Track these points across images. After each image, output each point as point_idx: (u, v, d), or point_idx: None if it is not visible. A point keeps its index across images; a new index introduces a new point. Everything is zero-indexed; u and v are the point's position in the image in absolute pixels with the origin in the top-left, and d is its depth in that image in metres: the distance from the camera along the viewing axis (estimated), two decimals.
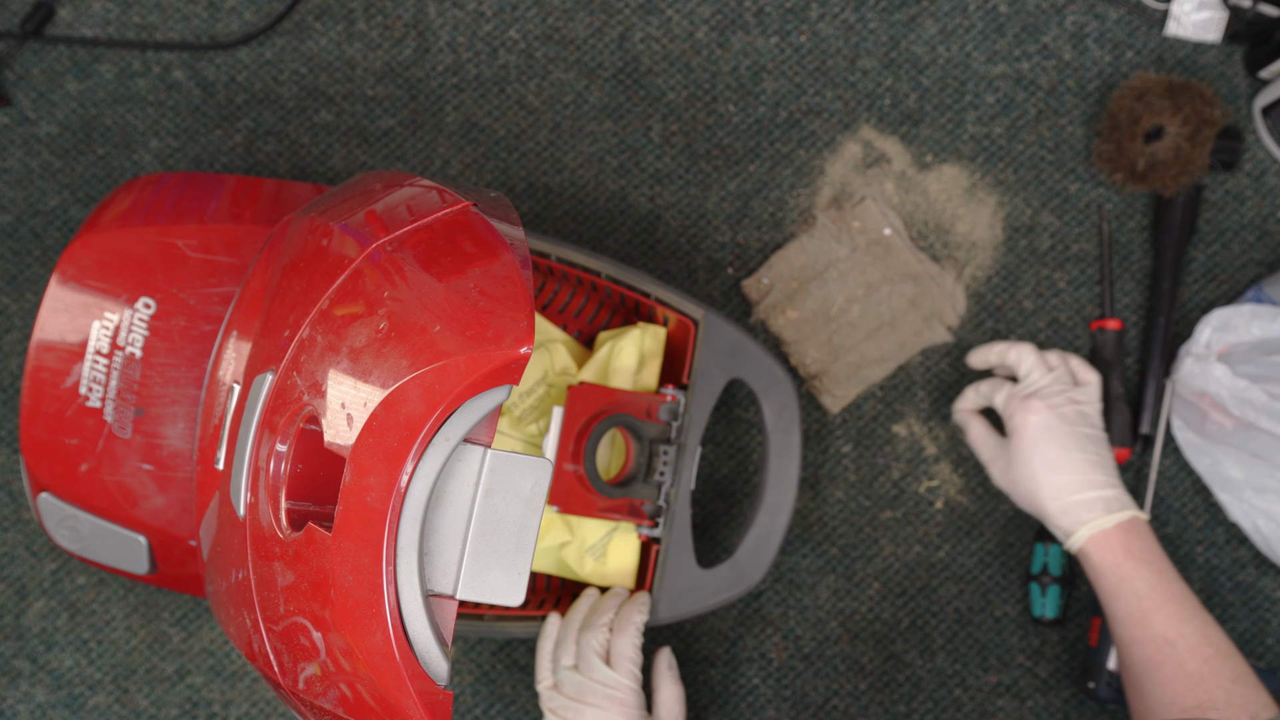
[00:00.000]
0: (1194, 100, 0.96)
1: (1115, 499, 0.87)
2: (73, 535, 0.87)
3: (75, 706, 1.00)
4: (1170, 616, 0.83)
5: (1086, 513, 0.87)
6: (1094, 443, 0.89)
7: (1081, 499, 0.87)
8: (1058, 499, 0.87)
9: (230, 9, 1.02)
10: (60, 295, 0.84)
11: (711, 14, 1.02)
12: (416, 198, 0.70)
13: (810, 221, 1.01)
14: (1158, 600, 0.84)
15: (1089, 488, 0.87)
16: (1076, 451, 0.88)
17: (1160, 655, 0.83)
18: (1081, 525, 0.86)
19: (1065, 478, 0.87)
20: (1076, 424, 0.89)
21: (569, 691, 0.85)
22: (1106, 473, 0.88)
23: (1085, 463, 0.87)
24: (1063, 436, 0.88)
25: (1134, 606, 0.84)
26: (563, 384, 0.92)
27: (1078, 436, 0.88)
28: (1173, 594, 0.84)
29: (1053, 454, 0.88)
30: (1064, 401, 0.89)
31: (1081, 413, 0.89)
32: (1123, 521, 0.86)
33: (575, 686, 0.85)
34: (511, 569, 0.63)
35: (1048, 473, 0.88)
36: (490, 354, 0.60)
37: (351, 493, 0.60)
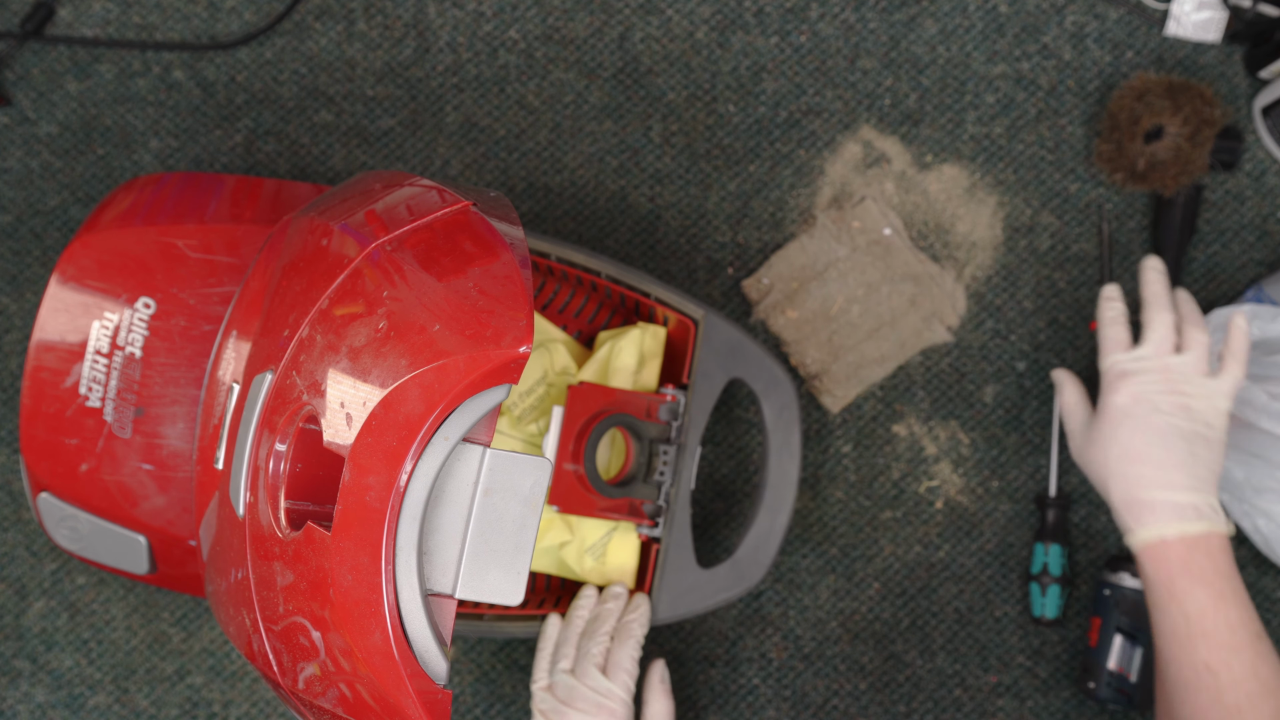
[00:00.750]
0: (1194, 100, 0.96)
1: (1190, 507, 0.80)
2: (73, 535, 0.87)
3: (75, 706, 1.00)
4: (1218, 645, 0.78)
5: (1150, 514, 0.80)
6: (1187, 440, 0.81)
7: (1150, 498, 0.80)
8: (1125, 491, 0.81)
9: (230, 9, 1.02)
10: (60, 295, 0.84)
11: (711, 14, 1.02)
12: (416, 197, 0.70)
13: (810, 221, 1.01)
14: (1207, 626, 0.78)
15: (1162, 488, 0.80)
16: (1159, 446, 0.80)
17: (1199, 681, 0.78)
18: (1142, 527, 0.80)
19: (1139, 470, 0.80)
20: (1173, 415, 0.81)
21: (560, 694, 0.85)
22: (1189, 475, 0.80)
23: (1167, 459, 0.80)
24: (1149, 425, 0.80)
25: (1179, 627, 0.79)
26: (562, 384, 0.92)
27: (1168, 429, 0.80)
28: (1226, 622, 0.78)
29: (1133, 442, 0.81)
30: (1165, 389, 0.81)
31: (1184, 405, 0.81)
32: (1189, 535, 0.79)
33: (567, 690, 0.84)
34: (511, 568, 0.63)
35: (1122, 461, 0.81)
36: (489, 353, 0.60)
37: (350, 492, 0.60)
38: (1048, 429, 1.01)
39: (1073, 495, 1.00)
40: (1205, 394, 0.82)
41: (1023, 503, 1.01)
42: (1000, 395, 1.01)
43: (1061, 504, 0.99)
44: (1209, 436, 0.82)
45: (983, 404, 1.01)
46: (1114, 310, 0.88)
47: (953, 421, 1.01)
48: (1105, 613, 0.96)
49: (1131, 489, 0.81)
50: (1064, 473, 1.00)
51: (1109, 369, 0.84)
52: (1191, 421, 0.82)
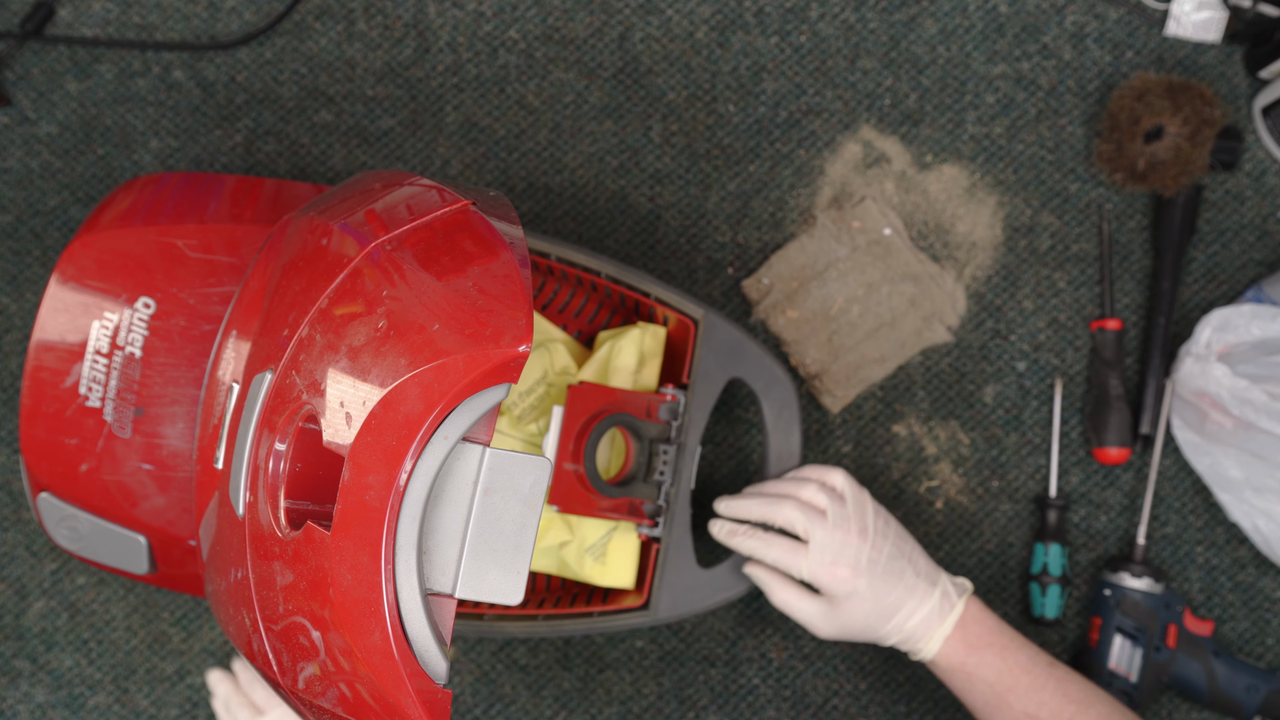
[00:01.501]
0: (1194, 100, 0.96)
1: (944, 598, 0.85)
2: (73, 535, 0.86)
3: (75, 706, 1.00)
4: (1024, 691, 0.83)
5: (925, 629, 0.85)
6: (897, 556, 0.86)
7: (917, 621, 0.85)
8: (898, 633, 0.85)
9: (230, 9, 1.02)
10: (60, 295, 0.84)
11: (711, 14, 1.02)
12: (416, 197, 0.70)
13: (810, 221, 1.01)
14: (1009, 682, 0.84)
15: (919, 607, 0.85)
16: (897, 585, 0.85)
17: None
18: (927, 641, 0.85)
19: (899, 614, 0.85)
20: (880, 555, 0.85)
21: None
22: (923, 575, 0.86)
23: (906, 589, 0.85)
24: (879, 584, 0.85)
25: (989, 695, 0.84)
26: (562, 383, 0.92)
27: (888, 569, 0.85)
28: (1021, 667, 0.84)
29: (880, 605, 0.85)
30: (859, 542, 0.85)
31: (874, 538, 0.86)
32: (959, 617, 0.85)
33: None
34: (510, 568, 0.63)
35: (882, 621, 0.85)
36: (489, 352, 0.60)
37: (350, 491, 0.60)
38: (1048, 429, 1.01)
39: (1072, 495, 1.00)
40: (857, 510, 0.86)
41: (1023, 503, 1.01)
42: (1000, 395, 1.01)
43: (1061, 504, 0.99)
44: (891, 532, 0.86)
45: (983, 404, 1.01)
46: (747, 538, 0.88)
47: (953, 421, 1.01)
48: (1105, 613, 0.96)
49: (901, 628, 0.85)
50: (1064, 473, 1.00)
51: (816, 569, 0.85)
52: (883, 536, 0.86)
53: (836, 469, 0.88)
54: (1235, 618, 1.00)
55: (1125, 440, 0.98)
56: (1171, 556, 1.00)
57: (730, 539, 0.88)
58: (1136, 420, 1.00)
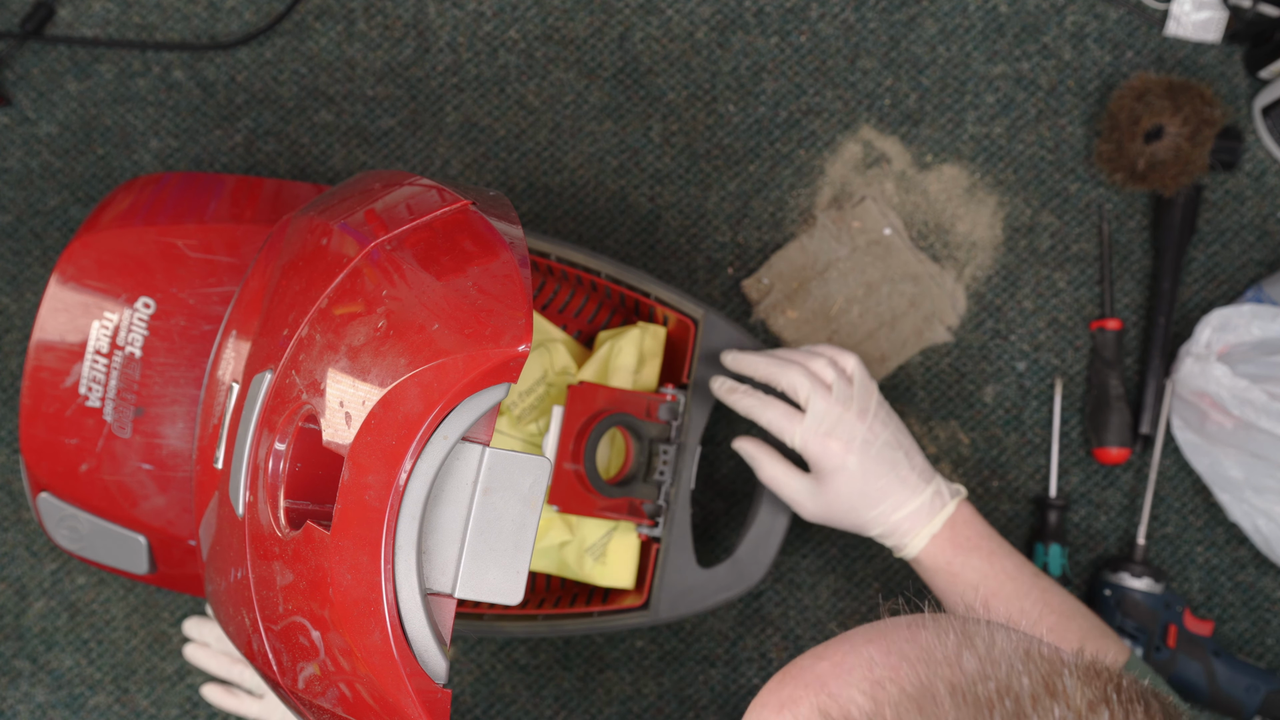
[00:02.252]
0: (1194, 100, 0.96)
1: (935, 495, 0.84)
2: (73, 535, 0.86)
3: (75, 706, 1.00)
4: (1008, 597, 0.82)
5: (915, 523, 0.84)
6: (893, 445, 0.84)
7: (906, 513, 0.84)
8: (883, 523, 0.84)
9: (230, 9, 1.02)
10: (60, 295, 0.84)
11: (711, 14, 1.02)
12: (416, 196, 0.70)
13: (810, 221, 1.01)
14: (993, 585, 0.83)
15: (911, 496, 0.84)
16: (888, 472, 0.83)
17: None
18: (912, 537, 0.84)
19: (887, 502, 0.84)
20: (875, 438, 0.84)
21: None
22: (917, 470, 0.84)
23: (897, 478, 0.83)
24: (870, 465, 0.83)
25: (971, 599, 0.83)
26: (562, 383, 0.92)
27: (880, 455, 0.83)
28: (1006, 573, 0.83)
29: (868, 487, 0.83)
30: (856, 422, 0.83)
31: (871, 422, 0.84)
32: (948, 517, 0.84)
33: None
34: (510, 567, 0.63)
35: (867, 506, 0.84)
36: (488, 352, 0.60)
37: (350, 491, 0.60)
38: (1048, 429, 1.01)
39: (1072, 495, 1.00)
40: (863, 394, 0.85)
41: (1023, 503, 1.01)
42: (1000, 395, 1.01)
43: (1061, 504, 0.99)
44: (888, 425, 0.85)
45: (983, 404, 1.01)
46: (746, 396, 0.86)
47: (953, 421, 1.01)
48: (1105, 613, 0.96)
49: (888, 518, 0.84)
50: (1064, 473, 1.00)
51: (808, 438, 0.83)
52: (882, 425, 0.84)
53: (851, 353, 0.86)
54: (1235, 618, 1.00)
55: (1125, 440, 0.98)
56: (1171, 556, 1.00)
57: (729, 395, 0.87)
58: (1136, 420, 1.00)
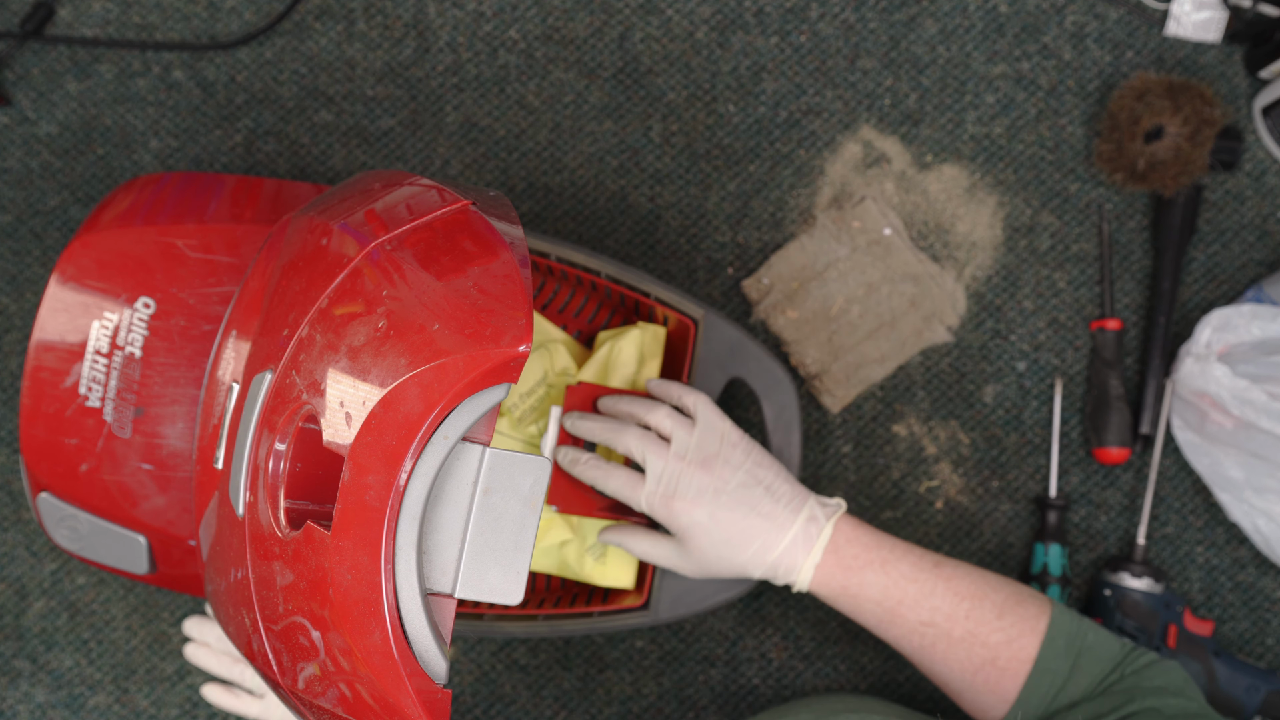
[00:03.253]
0: (1194, 100, 0.96)
1: (810, 523, 0.80)
2: (73, 535, 0.86)
3: (75, 706, 1.00)
4: (914, 601, 0.80)
5: (794, 558, 0.80)
6: (749, 485, 0.80)
7: (779, 552, 0.80)
8: (760, 565, 0.80)
9: (230, 9, 1.02)
10: (60, 295, 0.84)
11: (711, 14, 1.02)
12: (416, 196, 0.70)
13: (810, 221, 1.01)
14: (897, 595, 0.80)
15: (780, 533, 0.80)
16: (748, 514, 0.79)
17: (927, 639, 0.80)
18: (799, 573, 0.80)
19: (755, 544, 0.80)
20: (725, 484, 0.80)
21: None
22: (783, 502, 0.80)
23: (760, 517, 0.80)
24: (724, 514, 0.79)
25: (879, 613, 0.81)
26: (562, 384, 0.92)
27: (736, 498, 0.80)
28: (906, 578, 0.80)
29: (729, 534, 0.79)
30: (700, 473, 0.80)
31: (719, 468, 0.80)
32: (828, 542, 0.80)
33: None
34: (510, 567, 0.63)
35: (735, 553, 0.80)
36: (489, 352, 0.60)
37: (350, 491, 0.60)
38: (1048, 429, 1.01)
39: (1072, 495, 1.00)
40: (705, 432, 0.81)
41: (1023, 503, 1.01)
42: (1000, 395, 1.01)
43: (1061, 504, 0.99)
44: (750, 458, 0.81)
45: (983, 404, 1.01)
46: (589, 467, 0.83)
47: (953, 421, 1.01)
48: (1105, 613, 0.96)
49: (763, 558, 0.80)
50: (1064, 473, 1.00)
51: (653, 502, 0.80)
52: (735, 474, 0.81)
53: (697, 393, 0.83)
54: (1235, 618, 1.00)
55: (1125, 440, 0.98)
56: (1171, 556, 1.00)
57: (573, 467, 0.83)
58: (1136, 420, 1.00)
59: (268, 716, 0.94)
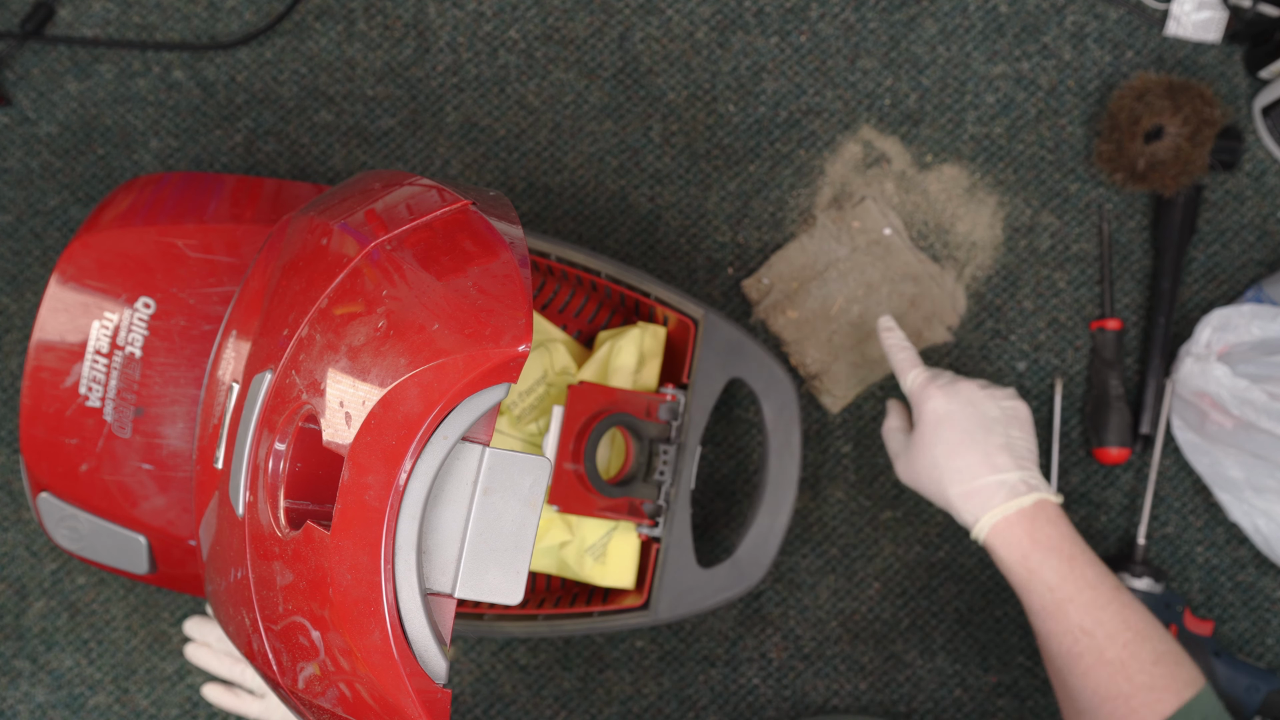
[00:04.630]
0: (1194, 100, 0.96)
1: (1020, 482, 0.82)
2: (73, 535, 0.87)
3: (75, 706, 1.00)
4: (1085, 605, 0.80)
5: (989, 498, 0.82)
6: (1002, 424, 0.84)
7: (984, 484, 0.82)
8: (960, 484, 0.83)
9: (230, 9, 1.02)
10: (60, 295, 0.84)
11: (711, 14, 1.02)
12: (416, 196, 0.70)
13: (810, 221, 1.01)
14: (1070, 590, 0.80)
15: (991, 471, 0.82)
16: (980, 435, 0.83)
17: (1079, 646, 0.80)
18: (985, 512, 0.82)
19: (967, 461, 0.83)
20: (981, 405, 0.84)
21: None
22: (1014, 455, 0.83)
23: (990, 445, 0.83)
24: (965, 420, 0.84)
25: (1047, 600, 0.81)
26: (562, 383, 0.92)
27: (982, 419, 0.84)
28: (1086, 580, 0.80)
29: (955, 439, 0.83)
30: (973, 385, 0.85)
31: (989, 394, 0.86)
32: (1026, 507, 0.82)
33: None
34: (510, 567, 0.63)
35: (950, 459, 0.83)
36: (488, 352, 0.60)
37: (350, 491, 0.60)
38: (1048, 429, 1.01)
39: (1072, 495, 1.00)
40: (990, 385, 0.87)
41: None
42: None
43: (1061, 504, 0.99)
44: (1011, 417, 0.85)
45: None
46: (896, 337, 0.90)
47: None
48: None
49: (965, 480, 0.83)
50: (1064, 473, 1.00)
51: (913, 384, 0.87)
52: (999, 407, 0.85)
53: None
54: (1235, 618, 1.00)
55: (1125, 440, 0.98)
56: (1171, 556, 1.00)
57: (884, 332, 0.90)
58: (1136, 420, 1.00)
59: (268, 717, 0.94)
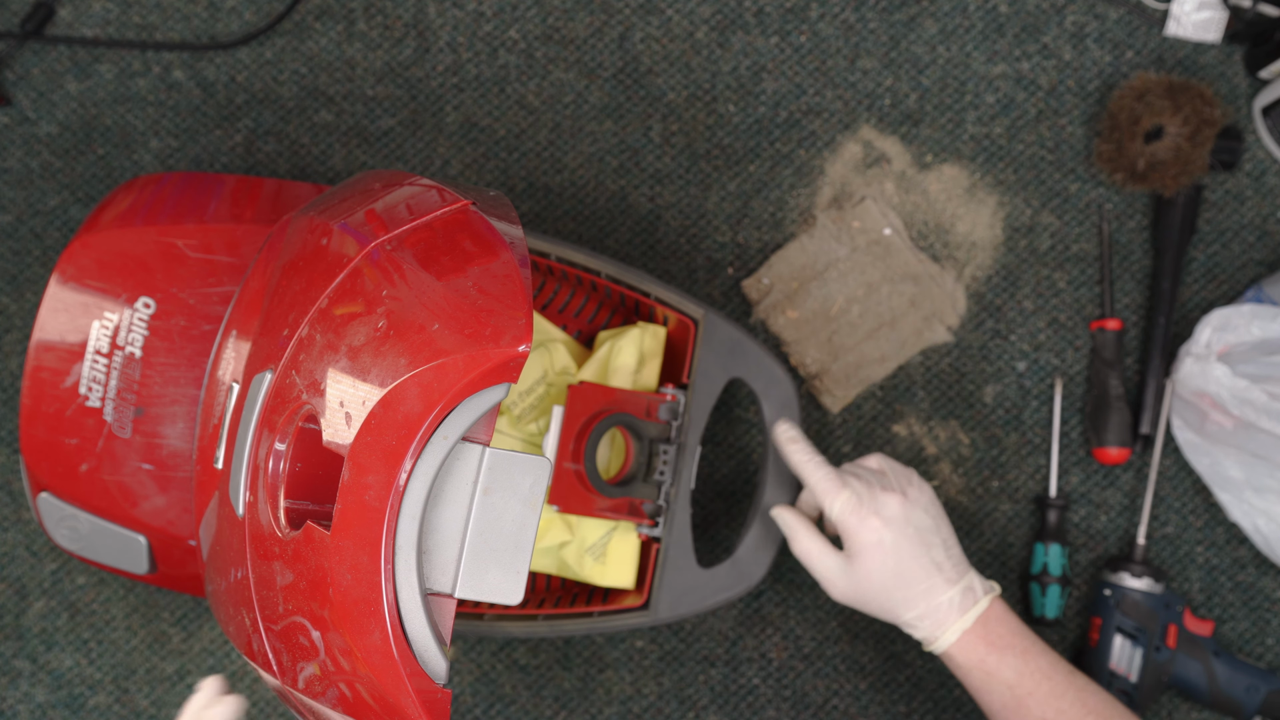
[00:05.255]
0: (1194, 100, 0.96)
1: (968, 590, 0.84)
2: (73, 535, 0.87)
3: (75, 706, 1.00)
4: (1044, 698, 0.82)
5: (945, 616, 0.83)
6: (932, 529, 0.85)
7: (938, 603, 0.83)
8: (913, 608, 0.84)
9: (230, 9, 1.02)
10: (60, 295, 0.84)
11: (711, 14, 1.02)
12: (416, 196, 0.70)
13: (810, 221, 1.01)
14: (1029, 685, 0.82)
15: (943, 588, 0.83)
16: (922, 552, 0.83)
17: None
18: (944, 630, 0.83)
19: (917, 587, 0.83)
20: (912, 517, 0.84)
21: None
22: (952, 561, 0.85)
23: (932, 564, 0.84)
24: (905, 543, 0.84)
25: (1007, 698, 0.82)
26: (562, 383, 0.92)
27: (918, 535, 0.84)
28: (1042, 672, 0.82)
29: (900, 566, 0.83)
30: (897, 500, 0.84)
31: (910, 505, 0.85)
32: (981, 613, 0.83)
33: None
34: (510, 567, 0.63)
35: (899, 586, 0.83)
36: (489, 352, 0.60)
37: (350, 491, 0.60)
38: (1048, 429, 1.01)
39: (1072, 495, 1.00)
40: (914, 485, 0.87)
41: (1023, 503, 1.01)
42: (1000, 395, 1.01)
43: (1061, 504, 0.99)
44: (935, 508, 0.86)
45: (983, 404, 1.01)
46: (802, 450, 0.87)
47: (953, 421, 1.01)
48: (1105, 613, 0.96)
49: (917, 603, 0.84)
50: (1064, 473, 1.00)
51: (840, 512, 0.84)
52: (924, 512, 0.85)
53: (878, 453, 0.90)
54: (1235, 618, 1.00)
55: (1125, 440, 0.98)
56: (1171, 556, 1.00)
57: (789, 444, 0.87)
58: (1136, 420, 1.00)
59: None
